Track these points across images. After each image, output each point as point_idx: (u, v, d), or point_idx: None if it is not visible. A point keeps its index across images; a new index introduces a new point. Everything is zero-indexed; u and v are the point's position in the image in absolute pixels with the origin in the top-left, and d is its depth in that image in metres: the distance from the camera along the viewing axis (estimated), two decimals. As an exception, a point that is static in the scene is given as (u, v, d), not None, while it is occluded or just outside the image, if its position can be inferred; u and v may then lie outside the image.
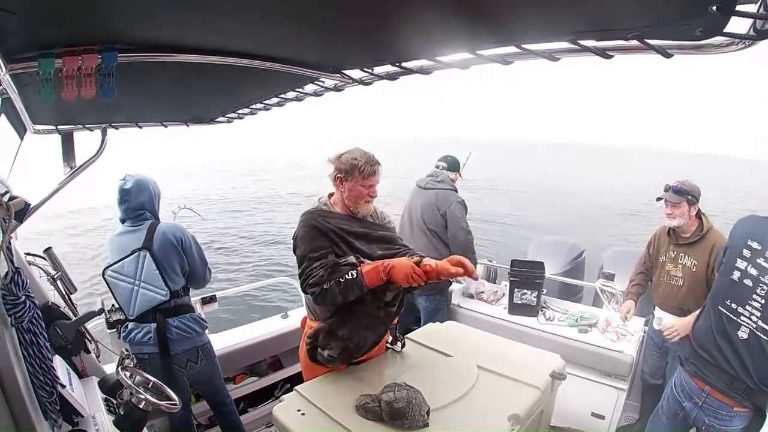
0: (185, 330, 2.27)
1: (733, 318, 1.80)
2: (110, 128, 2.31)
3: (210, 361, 2.42)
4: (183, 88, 1.74)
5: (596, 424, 2.82)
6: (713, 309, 1.91)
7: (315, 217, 1.95)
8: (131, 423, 1.59)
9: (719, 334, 1.85)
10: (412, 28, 1.02)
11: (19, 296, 1.18)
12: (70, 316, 1.95)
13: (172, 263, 2.26)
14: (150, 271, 2.18)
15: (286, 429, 1.62)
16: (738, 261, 1.85)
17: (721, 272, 1.95)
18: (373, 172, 1.96)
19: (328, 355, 1.85)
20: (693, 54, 0.77)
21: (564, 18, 0.85)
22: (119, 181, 2.26)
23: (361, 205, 2.00)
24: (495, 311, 3.37)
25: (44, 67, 0.97)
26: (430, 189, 3.39)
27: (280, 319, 3.32)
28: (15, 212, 1.13)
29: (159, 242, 2.21)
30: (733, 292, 1.84)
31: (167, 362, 2.24)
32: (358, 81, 1.51)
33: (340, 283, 1.77)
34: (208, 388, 2.53)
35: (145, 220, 2.26)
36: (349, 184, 1.96)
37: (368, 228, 2.03)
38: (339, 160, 1.98)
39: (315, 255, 1.86)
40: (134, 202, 2.24)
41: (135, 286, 2.18)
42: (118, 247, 2.24)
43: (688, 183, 2.64)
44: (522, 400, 1.72)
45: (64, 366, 1.66)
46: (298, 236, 1.94)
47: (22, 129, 1.90)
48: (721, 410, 1.86)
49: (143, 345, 2.23)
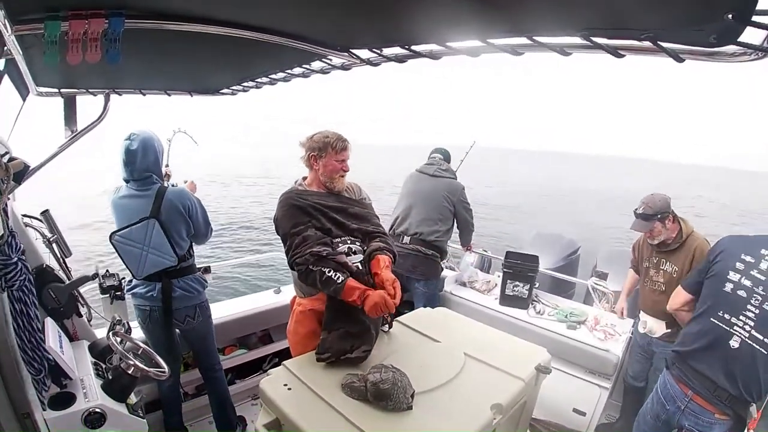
0: (188, 289, 2.34)
1: (726, 328, 1.85)
2: (113, 94, 2.29)
3: (206, 319, 2.49)
4: (189, 58, 1.72)
5: (577, 420, 2.86)
6: (705, 319, 1.95)
7: (292, 196, 2.03)
8: (119, 388, 1.62)
9: (710, 343, 1.91)
10: (423, 12, 1.01)
11: (11, 257, 1.19)
12: (64, 280, 1.96)
13: (179, 230, 2.28)
14: (158, 238, 2.19)
15: (271, 402, 1.64)
16: (731, 273, 1.91)
17: (710, 283, 2.00)
18: (344, 147, 2.06)
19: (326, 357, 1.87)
20: (705, 60, 0.77)
21: (578, 12, 0.84)
22: (124, 141, 2.20)
23: (336, 180, 2.08)
24: (486, 301, 3.40)
25: (50, 30, 0.96)
26: (439, 177, 3.44)
27: (273, 294, 3.34)
28: (14, 174, 1.13)
29: (167, 210, 2.21)
30: (726, 303, 1.89)
31: (168, 319, 2.31)
32: (366, 61, 1.49)
33: (323, 273, 1.83)
34: (202, 346, 2.56)
35: (151, 184, 2.23)
36: (324, 160, 2.04)
37: (344, 203, 2.10)
38: (311, 140, 2.06)
39: (296, 230, 1.93)
40: (140, 165, 2.20)
41: (143, 251, 2.20)
42: (125, 212, 2.23)
43: (653, 200, 2.61)
44: (506, 391, 1.74)
45: (55, 328, 1.68)
46: (278, 217, 2.01)
47: (24, 91, 1.88)
48: (702, 416, 1.91)
49: (146, 299, 2.28)
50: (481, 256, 4.49)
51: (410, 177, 3.57)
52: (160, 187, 2.25)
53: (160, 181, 2.29)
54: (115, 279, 2.33)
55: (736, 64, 0.73)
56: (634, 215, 2.66)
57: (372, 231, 2.10)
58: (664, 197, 2.63)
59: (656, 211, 2.57)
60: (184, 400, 2.76)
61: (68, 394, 1.49)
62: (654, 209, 2.57)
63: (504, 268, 3.31)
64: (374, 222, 2.16)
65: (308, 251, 1.85)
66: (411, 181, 3.54)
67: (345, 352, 1.84)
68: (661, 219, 2.57)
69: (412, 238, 3.33)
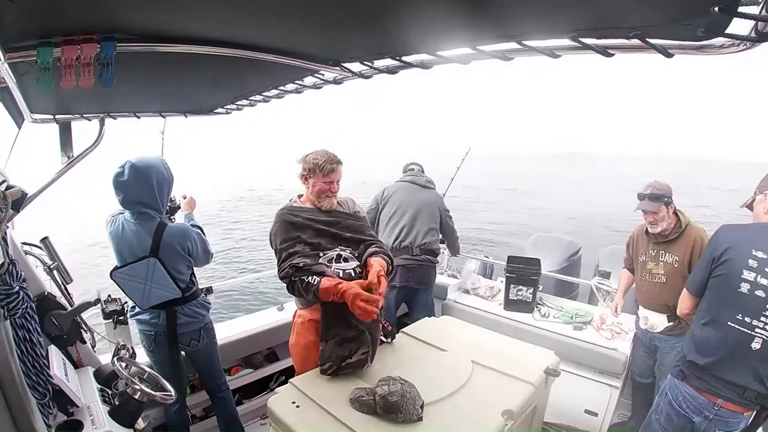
0: (192, 315, 2.33)
1: (746, 331, 1.76)
2: (108, 118, 2.29)
3: (211, 340, 2.47)
4: (182, 79, 1.73)
5: (589, 421, 2.84)
6: (721, 324, 1.83)
7: (285, 212, 2.12)
8: (127, 413, 1.60)
9: (730, 349, 1.81)
10: (413, 22, 1.02)
11: (13, 286, 1.18)
12: (66, 307, 1.95)
13: (180, 265, 2.27)
14: (160, 275, 2.17)
15: (280, 421, 1.63)
16: (744, 272, 1.78)
17: (719, 283, 1.87)
18: (332, 169, 2.11)
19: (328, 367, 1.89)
20: (694, 54, 0.77)
21: (566, 15, 0.85)
22: (117, 168, 2.13)
23: (323, 200, 2.14)
24: (490, 307, 3.38)
25: (43, 56, 0.96)
26: (429, 188, 3.53)
27: (276, 312, 3.33)
28: (12, 201, 1.13)
29: (166, 251, 2.19)
30: (743, 305, 1.78)
31: (174, 344, 2.30)
32: (357, 74, 1.50)
33: (303, 281, 1.90)
34: (208, 368, 2.54)
35: (147, 219, 2.17)
36: (312, 180, 2.13)
37: (337, 217, 2.15)
38: (304, 160, 2.16)
39: (285, 245, 2.02)
40: (130, 195, 2.14)
41: (146, 286, 2.17)
42: (123, 245, 2.18)
43: (659, 184, 2.63)
44: (515, 396, 1.73)
45: (59, 356, 1.66)
46: (273, 232, 2.10)
47: (19, 118, 1.89)
48: (731, 418, 1.84)
49: (151, 325, 2.27)
50: (482, 263, 4.49)
51: (401, 188, 3.53)
52: (159, 224, 2.19)
53: (159, 215, 2.22)
54: (117, 304, 2.32)
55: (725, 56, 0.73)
56: (640, 198, 2.64)
57: (366, 239, 2.14)
58: (669, 184, 2.64)
59: (664, 193, 2.57)
60: (192, 422, 2.73)
61: (76, 421, 1.48)
62: (662, 191, 2.58)
63: (506, 273, 3.31)
64: (368, 233, 2.19)
65: (288, 264, 1.94)
66: (404, 191, 3.50)
67: (345, 357, 1.88)
68: (667, 203, 2.56)
69: (420, 249, 3.34)
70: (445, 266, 4.37)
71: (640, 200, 2.64)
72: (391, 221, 3.42)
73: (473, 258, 4.60)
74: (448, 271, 4.36)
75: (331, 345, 1.90)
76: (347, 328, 1.92)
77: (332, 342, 1.90)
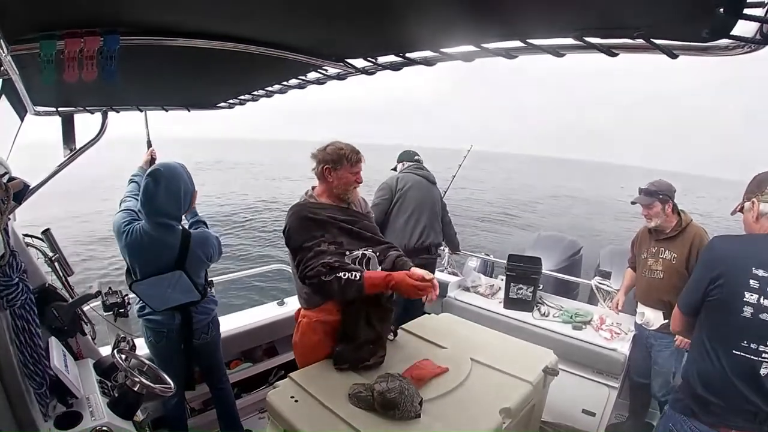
0: (204, 312, 2.35)
1: (753, 358, 1.58)
2: (111, 111, 2.30)
3: (217, 333, 2.49)
4: (185, 73, 1.73)
5: (587, 420, 2.84)
6: (725, 354, 1.63)
7: (306, 208, 2.01)
8: (126, 405, 1.61)
9: (739, 379, 1.62)
10: (417, 19, 1.02)
11: (12, 278, 1.19)
12: (67, 298, 1.95)
13: (201, 273, 2.30)
14: (184, 284, 2.17)
15: (279, 415, 1.63)
16: (746, 295, 1.57)
17: (718, 308, 1.66)
18: (358, 159, 2.06)
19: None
20: (698, 55, 0.77)
21: (571, 14, 0.85)
22: (146, 177, 2.09)
23: (351, 192, 2.08)
24: (490, 305, 3.38)
25: (46, 49, 0.96)
26: (433, 183, 3.53)
27: (276, 306, 3.32)
28: (14, 193, 1.13)
29: (191, 260, 2.17)
30: (748, 331, 1.58)
31: (189, 343, 2.32)
32: (361, 70, 1.50)
33: (340, 279, 1.81)
34: (212, 360, 2.55)
35: (169, 229, 2.12)
36: (339, 173, 2.03)
37: (354, 217, 2.10)
38: (324, 152, 2.05)
39: (309, 244, 1.91)
40: (157, 206, 2.09)
41: (166, 293, 2.17)
42: (143, 257, 2.12)
43: (659, 182, 2.74)
44: (514, 394, 1.73)
45: (59, 348, 1.67)
46: (291, 228, 1.97)
47: (22, 110, 1.89)
48: None
49: (164, 324, 2.25)
50: (483, 261, 4.48)
51: (416, 184, 3.44)
52: (183, 235, 2.16)
53: (178, 224, 2.19)
54: (118, 296, 2.33)
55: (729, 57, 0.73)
56: (638, 192, 2.76)
57: (384, 243, 2.13)
58: (670, 184, 2.72)
59: (660, 190, 2.66)
60: (190, 416, 2.74)
61: (75, 413, 1.48)
62: (658, 188, 2.68)
63: (507, 272, 3.30)
64: (380, 235, 2.19)
65: (320, 263, 1.84)
66: (419, 189, 3.43)
67: (364, 360, 1.89)
68: (662, 200, 2.64)
69: (434, 246, 3.40)
70: (445, 263, 4.37)
71: (638, 194, 2.76)
72: (411, 220, 3.35)
73: (474, 255, 4.60)
74: (448, 268, 4.35)
75: (351, 348, 1.90)
76: (368, 332, 1.92)
77: (352, 345, 1.90)
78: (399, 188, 3.39)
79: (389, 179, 3.47)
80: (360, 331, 1.91)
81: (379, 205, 3.33)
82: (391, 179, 3.46)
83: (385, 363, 1.93)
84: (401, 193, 3.38)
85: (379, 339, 1.95)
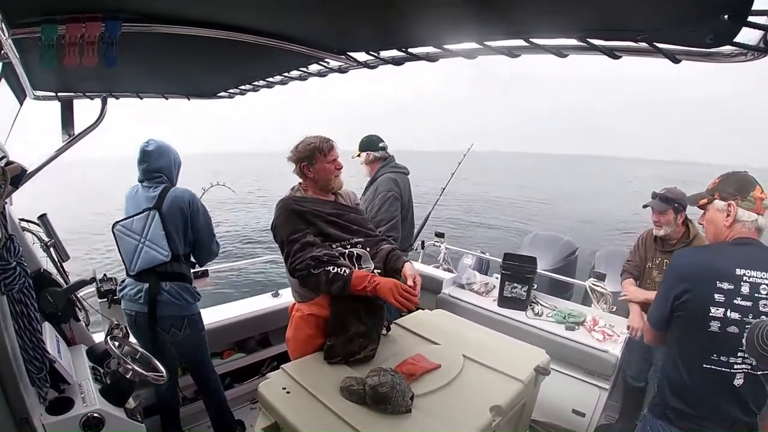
0: (175, 296, 2.27)
1: (725, 370, 1.57)
2: (110, 97, 2.28)
3: (195, 333, 2.42)
4: (186, 61, 1.72)
5: (576, 421, 2.85)
6: (698, 369, 1.62)
7: (291, 202, 2.02)
8: (118, 392, 1.61)
9: (715, 392, 1.62)
10: (421, 14, 1.01)
11: (10, 262, 1.18)
12: (62, 284, 1.95)
13: (178, 226, 2.29)
14: (156, 231, 2.22)
15: (270, 406, 1.63)
16: (712, 309, 1.54)
17: (686, 324, 1.64)
18: (330, 147, 2.06)
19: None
20: (701, 61, 0.77)
21: (575, 15, 0.85)
22: (142, 143, 2.33)
23: (333, 181, 2.09)
24: (485, 303, 3.38)
25: (47, 33, 0.96)
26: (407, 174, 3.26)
27: (271, 297, 3.33)
28: (11, 178, 1.13)
29: (169, 204, 2.25)
30: (717, 345, 1.56)
31: (152, 323, 2.26)
32: (363, 64, 1.50)
33: (328, 273, 1.83)
34: (193, 361, 2.53)
35: (160, 183, 2.31)
36: (316, 166, 2.04)
37: (341, 210, 2.10)
38: (297, 151, 2.05)
39: (295, 236, 1.92)
40: (153, 165, 2.30)
41: (140, 243, 2.23)
42: (132, 203, 2.31)
43: (675, 190, 2.63)
44: (505, 392, 1.74)
45: (53, 333, 1.67)
46: (277, 222, 1.99)
47: (21, 94, 1.88)
48: None
49: (133, 302, 2.25)
50: (478, 258, 4.49)
51: (405, 182, 3.21)
52: (167, 185, 2.33)
53: (169, 182, 2.36)
54: (112, 283, 2.33)
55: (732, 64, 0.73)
56: (652, 197, 2.66)
57: (374, 236, 2.12)
58: (684, 193, 2.60)
59: (676, 198, 2.57)
60: (183, 404, 2.75)
61: (66, 398, 1.48)
62: (674, 196, 2.58)
63: (502, 270, 3.29)
64: (369, 227, 2.18)
65: (308, 256, 1.85)
66: (407, 186, 3.23)
67: (354, 353, 1.88)
68: (676, 209, 2.56)
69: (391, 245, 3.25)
70: (440, 260, 4.38)
71: (652, 198, 2.67)
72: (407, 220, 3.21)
73: (469, 253, 4.61)
74: (443, 265, 4.36)
75: (342, 341, 1.90)
76: (357, 325, 1.92)
77: (342, 338, 1.90)
78: (401, 192, 3.12)
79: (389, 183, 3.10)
80: (350, 325, 1.91)
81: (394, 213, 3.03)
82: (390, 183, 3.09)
83: (377, 357, 1.93)
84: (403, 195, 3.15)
85: (369, 333, 1.95)
